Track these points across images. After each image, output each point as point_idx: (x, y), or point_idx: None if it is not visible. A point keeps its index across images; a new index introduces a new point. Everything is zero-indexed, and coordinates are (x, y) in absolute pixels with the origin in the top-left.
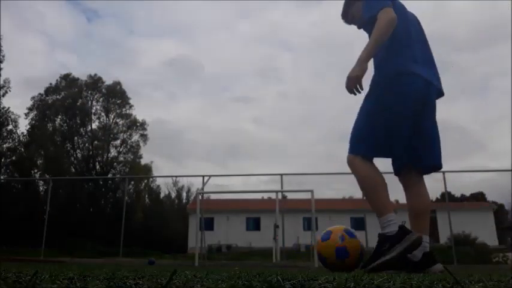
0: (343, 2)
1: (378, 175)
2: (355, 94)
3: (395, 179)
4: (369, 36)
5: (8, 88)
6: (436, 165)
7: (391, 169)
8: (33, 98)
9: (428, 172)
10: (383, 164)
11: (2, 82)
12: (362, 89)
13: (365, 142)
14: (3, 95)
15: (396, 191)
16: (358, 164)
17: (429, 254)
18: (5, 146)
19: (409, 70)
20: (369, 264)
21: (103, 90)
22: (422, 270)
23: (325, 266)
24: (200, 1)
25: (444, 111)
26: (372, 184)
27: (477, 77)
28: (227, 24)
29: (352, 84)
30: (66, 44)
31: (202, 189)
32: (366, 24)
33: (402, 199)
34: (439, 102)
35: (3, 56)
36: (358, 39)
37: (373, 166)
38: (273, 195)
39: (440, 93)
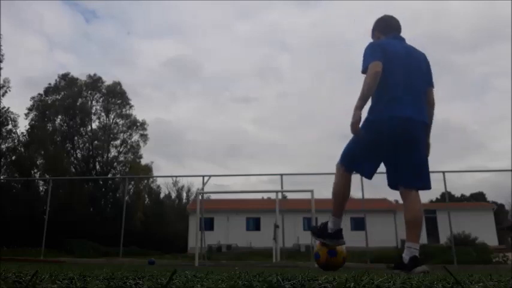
0: (342, 1)
1: (345, 188)
2: (359, 134)
3: None
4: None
5: (7, 88)
6: (422, 187)
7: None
8: (32, 98)
9: (419, 189)
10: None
11: (1, 82)
12: (361, 132)
13: (348, 158)
14: (3, 95)
15: (396, 193)
16: (339, 172)
17: (415, 257)
18: (4, 146)
19: (386, 115)
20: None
21: (103, 90)
22: (408, 270)
23: (317, 261)
24: (199, 1)
25: (444, 111)
26: (337, 192)
27: (477, 77)
28: (226, 24)
29: (352, 130)
30: (65, 44)
31: (202, 189)
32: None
33: (401, 200)
34: (439, 103)
35: (3, 56)
36: (358, 39)
37: (348, 179)
38: (273, 195)
39: (424, 124)
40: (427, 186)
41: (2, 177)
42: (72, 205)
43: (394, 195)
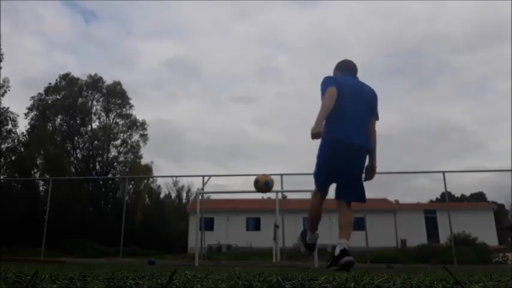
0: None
1: (317, 210)
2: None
3: (396, 181)
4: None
5: (7, 88)
6: (357, 200)
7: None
8: (32, 97)
9: (350, 201)
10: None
11: (1, 82)
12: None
13: (314, 177)
14: (3, 95)
15: (396, 193)
16: (313, 192)
17: (344, 250)
18: (4, 146)
19: (333, 140)
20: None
21: (103, 90)
22: (337, 261)
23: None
24: (199, 2)
25: (444, 111)
26: (312, 213)
27: (476, 77)
28: (226, 24)
29: (312, 137)
30: (65, 44)
31: (202, 189)
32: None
33: (401, 199)
34: (439, 103)
35: (3, 55)
36: (356, 39)
37: (320, 202)
38: (273, 195)
39: (363, 148)
40: (361, 199)
41: (2, 177)
42: (72, 205)
43: (394, 196)
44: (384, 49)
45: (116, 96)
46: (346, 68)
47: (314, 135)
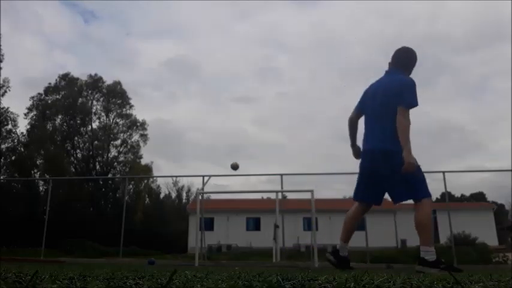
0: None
1: (349, 218)
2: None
3: None
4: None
5: (7, 88)
6: (405, 199)
7: None
8: (32, 97)
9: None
10: None
11: (1, 82)
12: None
13: (355, 190)
14: (3, 95)
15: None
16: (353, 206)
17: (423, 259)
18: (4, 146)
19: (362, 150)
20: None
21: (103, 90)
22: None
23: None
24: (199, 2)
25: (444, 111)
26: (345, 220)
27: (477, 77)
28: (226, 24)
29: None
30: (65, 45)
31: (202, 189)
32: None
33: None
34: (439, 103)
35: (3, 56)
36: (356, 39)
37: (355, 208)
38: (273, 195)
39: (376, 150)
40: (403, 199)
41: (2, 177)
42: (72, 205)
43: None
44: (384, 49)
45: (116, 96)
46: (391, 63)
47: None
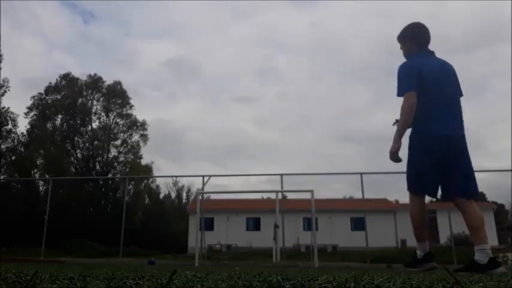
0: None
1: (416, 210)
2: (398, 162)
3: (396, 181)
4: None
5: (7, 88)
6: (471, 196)
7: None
8: (32, 97)
9: (468, 198)
10: None
11: (1, 81)
12: (401, 160)
13: (410, 182)
14: (3, 95)
15: (396, 193)
16: (410, 199)
17: (493, 259)
18: (4, 146)
19: (428, 134)
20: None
21: (103, 90)
22: (486, 271)
23: None
24: (198, 2)
25: None
26: (412, 218)
27: (476, 77)
28: (226, 24)
29: (391, 158)
30: (64, 45)
31: (202, 189)
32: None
33: (401, 199)
34: None
35: (2, 56)
36: (356, 39)
37: (418, 202)
38: (273, 195)
39: (462, 136)
40: (472, 195)
41: (2, 177)
42: (72, 205)
43: (394, 196)
44: (384, 49)
45: (116, 96)
46: (425, 42)
47: (393, 154)
